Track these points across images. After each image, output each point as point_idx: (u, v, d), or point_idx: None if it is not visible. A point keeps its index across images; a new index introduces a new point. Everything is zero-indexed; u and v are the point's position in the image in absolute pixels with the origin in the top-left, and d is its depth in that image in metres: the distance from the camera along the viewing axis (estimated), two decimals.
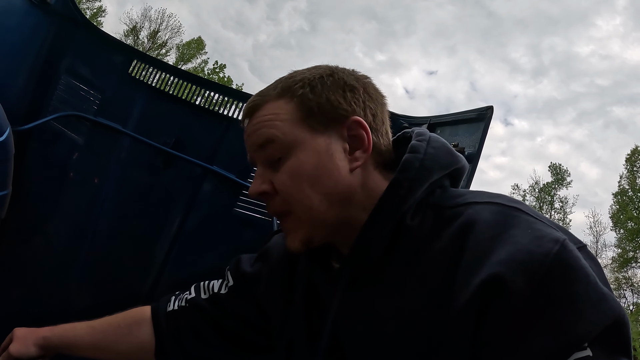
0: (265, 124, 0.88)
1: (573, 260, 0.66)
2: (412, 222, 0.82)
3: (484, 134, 1.42)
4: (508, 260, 0.67)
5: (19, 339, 1.16)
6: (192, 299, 1.19)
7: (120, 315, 1.21)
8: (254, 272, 1.14)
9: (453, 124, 1.58)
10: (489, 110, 1.43)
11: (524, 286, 0.64)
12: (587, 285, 0.65)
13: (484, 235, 0.73)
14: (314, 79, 0.89)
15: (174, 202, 1.71)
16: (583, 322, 0.62)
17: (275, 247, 1.13)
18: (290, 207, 0.87)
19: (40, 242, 1.77)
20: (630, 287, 29.59)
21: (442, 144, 0.90)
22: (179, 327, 1.17)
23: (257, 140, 0.89)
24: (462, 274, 0.71)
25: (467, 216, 0.77)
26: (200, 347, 1.16)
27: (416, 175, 0.82)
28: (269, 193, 0.88)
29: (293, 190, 0.85)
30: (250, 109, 0.92)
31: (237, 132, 1.69)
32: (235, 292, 1.16)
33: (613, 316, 0.64)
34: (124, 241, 1.73)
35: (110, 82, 1.77)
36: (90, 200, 1.74)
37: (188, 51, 33.36)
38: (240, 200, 1.69)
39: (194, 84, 1.71)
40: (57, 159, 1.78)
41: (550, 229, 0.71)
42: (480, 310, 0.67)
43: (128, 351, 1.17)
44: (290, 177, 0.86)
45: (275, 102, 0.89)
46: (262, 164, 0.90)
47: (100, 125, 1.73)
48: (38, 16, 1.77)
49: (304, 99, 0.88)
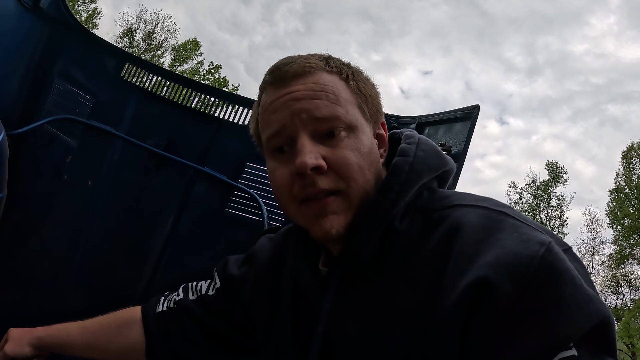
0: (328, 95, 0.84)
1: (559, 262, 0.67)
2: (400, 225, 0.82)
3: (470, 132, 1.45)
4: (495, 263, 0.68)
5: (14, 339, 1.17)
6: (180, 300, 1.19)
7: (111, 316, 1.22)
8: (241, 274, 1.14)
9: (441, 123, 1.60)
10: (475, 109, 1.46)
11: (511, 288, 0.65)
12: (573, 287, 0.66)
13: (471, 238, 0.74)
14: (355, 69, 0.92)
15: (166, 203, 1.74)
16: (569, 323, 0.63)
17: (262, 250, 1.12)
18: (346, 185, 0.82)
19: (35, 244, 1.79)
20: (628, 284, 29.65)
21: (431, 146, 0.90)
22: (168, 329, 1.18)
23: (317, 111, 0.83)
24: (449, 277, 0.72)
25: (454, 219, 0.78)
26: (188, 348, 1.17)
27: (406, 179, 0.83)
28: (321, 168, 0.81)
29: (355, 168, 0.82)
30: (299, 71, 0.86)
31: (229, 134, 1.72)
32: (222, 294, 1.16)
33: (598, 317, 0.65)
34: (117, 242, 1.75)
35: (102, 85, 1.79)
36: (84, 202, 1.76)
37: (183, 52, 33.30)
38: (232, 200, 1.71)
39: (186, 87, 1.74)
40: (51, 162, 1.81)
41: (536, 232, 0.72)
42: (468, 312, 0.68)
43: (119, 351, 1.19)
44: (355, 154, 0.82)
45: (330, 76, 0.86)
46: (311, 135, 0.83)
47: (93, 128, 1.75)
48: (31, 20, 1.79)
49: (359, 86, 0.88)
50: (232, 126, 1.71)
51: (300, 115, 0.82)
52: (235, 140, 1.70)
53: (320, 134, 0.83)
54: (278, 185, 0.85)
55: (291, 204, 0.85)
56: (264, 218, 1.63)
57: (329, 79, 0.85)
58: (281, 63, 0.87)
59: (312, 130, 0.83)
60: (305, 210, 0.83)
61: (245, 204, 1.69)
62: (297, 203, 0.84)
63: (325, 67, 0.87)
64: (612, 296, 30.04)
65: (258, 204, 1.64)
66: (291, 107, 0.83)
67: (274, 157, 0.87)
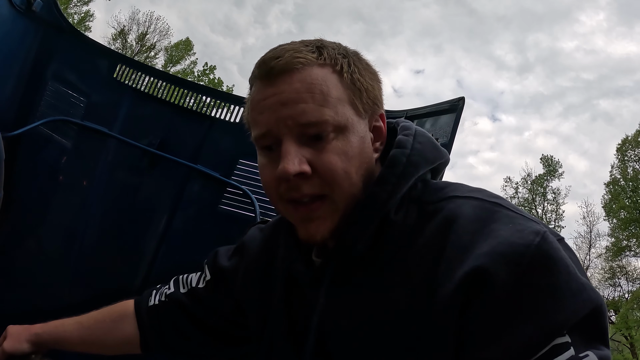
0: (315, 97, 0.79)
1: (554, 251, 0.68)
2: (396, 217, 0.81)
3: (456, 123, 1.49)
4: (491, 253, 0.68)
5: (13, 335, 1.19)
6: (171, 293, 1.19)
7: (105, 310, 1.23)
8: (231, 266, 1.13)
9: (427, 115, 1.63)
10: (460, 101, 1.50)
11: (507, 277, 0.66)
12: (568, 276, 0.67)
13: (465, 229, 0.74)
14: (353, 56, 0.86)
15: (160, 201, 1.77)
16: (564, 311, 0.64)
17: (252, 241, 1.11)
18: (331, 190, 0.80)
19: (31, 243, 1.82)
20: (625, 276, 29.76)
21: (427, 138, 0.89)
22: (160, 322, 1.18)
23: (303, 117, 0.78)
24: (445, 267, 0.72)
25: (448, 211, 0.78)
26: (181, 341, 1.17)
27: (403, 172, 0.82)
28: (305, 173, 0.78)
29: (340, 173, 0.79)
30: (286, 68, 0.80)
31: (221, 131, 1.75)
32: (213, 286, 1.15)
33: (591, 305, 0.66)
34: (112, 240, 1.78)
35: (95, 87, 1.82)
36: (80, 201, 1.80)
37: (176, 53, 33.22)
38: (225, 197, 1.75)
39: (178, 86, 1.77)
40: (46, 162, 1.84)
41: (530, 222, 0.73)
42: (465, 302, 0.69)
43: (115, 345, 1.21)
44: (341, 159, 0.79)
45: (321, 70, 0.81)
46: (296, 139, 0.79)
47: (88, 128, 1.78)
48: (24, 24, 1.82)
49: (354, 78, 0.83)
50: (224, 124, 1.74)
51: (285, 122, 0.79)
52: (227, 138, 1.73)
53: (307, 136, 0.79)
54: (266, 182, 0.85)
55: (278, 202, 0.84)
56: (256, 214, 1.66)
57: (320, 74, 0.80)
58: (269, 57, 0.82)
59: (299, 133, 0.79)
60: (292, 211, 0.83)
61: (238, 200, 1.73)
62: (284, 201, 0.83)
63: (317, 60, 0.81)
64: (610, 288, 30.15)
65: (250, 200, 1.67)
66: (277, 112, 0.79)
67: (263, 154, 0.85)
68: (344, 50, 0.86)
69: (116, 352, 1.25)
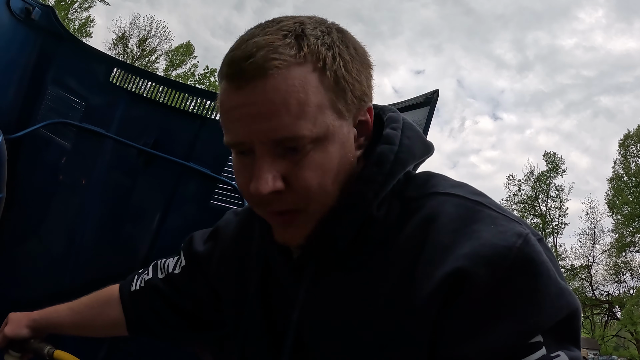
0: (290, 109, 0.70)
1: (536, 254, 0.68)
2: (378, 213, 0.80)
3: (430, 116, 1.55)
4: (472, 255, 0.68)
5: (13, 322, 1.27)
6: (149, 280, 1.20)
7: (93, 296, 1.28)
8: (205, 251, 1.12)
9: (404, 110, 1.68)
10: (435, 94, 1.56)
11: (488, 278, 0.66)
12: (548, 280, 0.67)
13: (446, 228, 0.73)
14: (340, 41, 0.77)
15: (155, 198, 1.86)
16: (541, 314, 0.65)
17: (227, 225, 1.09)
18: (305, 205, 0.76)
19: (33, 242, 1.92)
20: (630, 272, 29.69)
21: (416, 132, 0.86)
22: (141, 307, 1.21)
23: (276, 133, 0.71)
24: (424, 266, 0.72)
25: (429, 209, 0.77)
26: (161, 325, 1.20)
27: (391, 170, 0.79)
28: (279, 191, 0.73)
29: (315, 189, 0.74)
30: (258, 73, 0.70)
31: (211, 130, 1.84)
32: (188, 272, 1.15)
33: (569, 310, 0.67)
34: (110, 238, 1.87)
35: (93, 90, 1.91)
36: (79, 200, 1.89)
37: (177, 56, 33.34)
38: (216, 193, 1.83)
39: (170, 88, 1.86)
40: (47, 163, 1.93)
41: (513, 222, 0.72)
42: (443, 301, 0.68)
43: (104, 328, 1.27)
44: (317, 173, 0.74)
45: (299, 70, 0.71)
46: (270, 151, 0.73)
47: (86, 130, 1.87)
48: (24, 32, 1.91)
49: (338, 74, 0.74)
50: (215, 122, 1.82)
51: (258, 136, 0.71)
52: (217, 136, 1.79)
53: (283, 147, 0.72)
54: (240, 186, 0.80)
55: (254, 206, 0.81)
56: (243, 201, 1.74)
57: (297, 77, 0.70)
58: (238, 55, 0.72)
59: (273, 145, 0.72)
60: (268, 217, 0.80)
61: (229, 196, 1.81)
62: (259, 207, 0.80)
63: (296, 58, 0.71)
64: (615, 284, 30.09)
65: (240, 196, 1.75)
66: (248, 125, 0.71)
67: (236, 157, 0.80)
68: (329, 39, 0.75)
69: (107, 335, 1.33)
